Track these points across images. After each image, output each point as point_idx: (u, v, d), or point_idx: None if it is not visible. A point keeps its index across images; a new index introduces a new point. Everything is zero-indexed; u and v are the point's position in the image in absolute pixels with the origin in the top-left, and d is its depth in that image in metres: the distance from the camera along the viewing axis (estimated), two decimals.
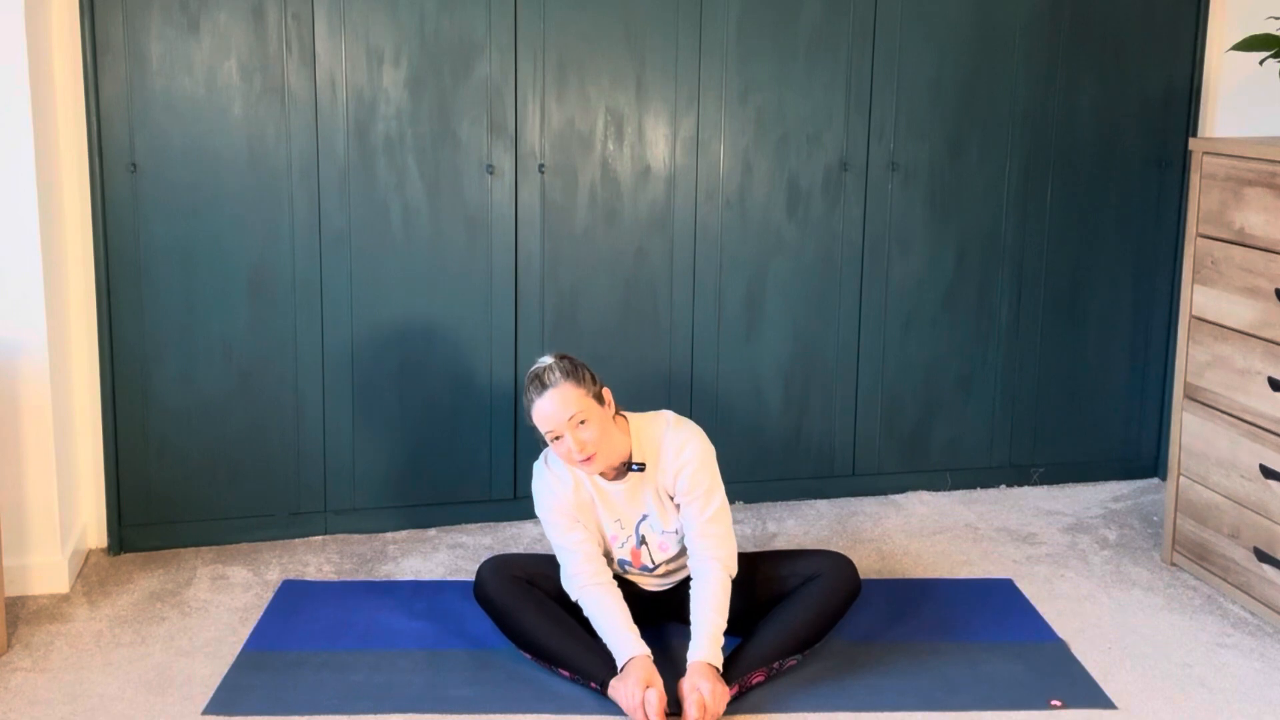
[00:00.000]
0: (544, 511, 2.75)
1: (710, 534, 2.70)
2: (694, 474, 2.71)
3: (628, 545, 2.77)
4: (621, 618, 2.63)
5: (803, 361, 3.66)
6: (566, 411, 2.60)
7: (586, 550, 2.71)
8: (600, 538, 2.77)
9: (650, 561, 2.79)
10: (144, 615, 2.96)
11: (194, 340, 3.24)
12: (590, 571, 2.69)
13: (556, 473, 2.75)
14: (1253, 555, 3.02)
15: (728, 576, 2.68)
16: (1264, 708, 2.62)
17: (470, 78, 3.29)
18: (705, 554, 2.69)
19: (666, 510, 2.75)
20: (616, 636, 2.60)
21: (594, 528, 2.76)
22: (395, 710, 2.55)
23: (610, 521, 2.76)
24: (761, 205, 3.54)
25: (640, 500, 2.75)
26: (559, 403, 2.61)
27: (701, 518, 2.70)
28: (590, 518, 2.75)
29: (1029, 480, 3.89)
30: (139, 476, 3.26)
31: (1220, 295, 3.09)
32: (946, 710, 2.58)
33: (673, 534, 2.77)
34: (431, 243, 3.34)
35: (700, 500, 2.71)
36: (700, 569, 2.69)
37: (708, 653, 2.56)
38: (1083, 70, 3.68)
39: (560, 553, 2.73)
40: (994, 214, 3.71)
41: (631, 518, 2.75)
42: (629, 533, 2.76)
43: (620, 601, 2.67)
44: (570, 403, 2.61)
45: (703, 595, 2.65)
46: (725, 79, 3.45)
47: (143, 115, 3.11)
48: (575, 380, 2.63)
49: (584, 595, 2.68)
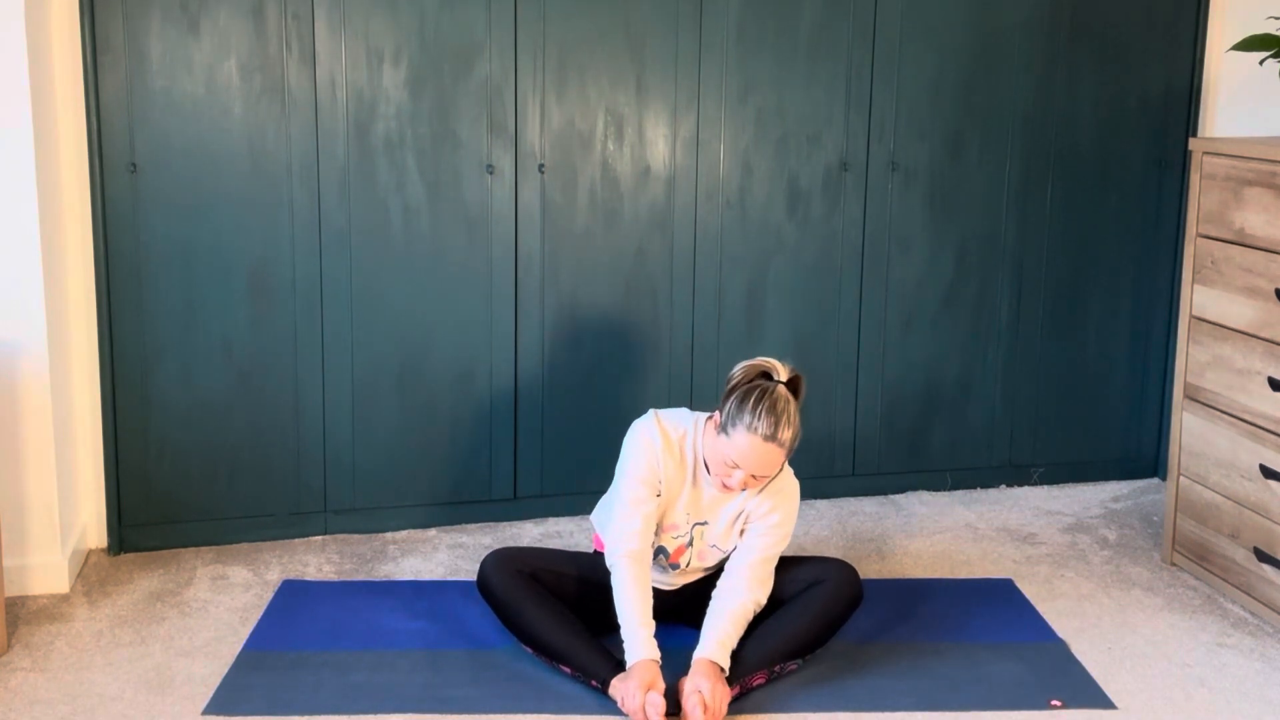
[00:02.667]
0: (637, 467, 2.68)
1: (759, 573, 2.68)
2: (781, 520, 2.71)
3: (679, 540, 2.75)
4: (643, 612, 2.59)
5: (803, 361, 3.64)
6: (766, 469, 2.58)
7: (647, 525, 2.67)
8: (661, 518, 2.73)
9: (685, 563, 2.78)
10: (144, 615, 2.95)
11: (194, 340, 3.24)
12: (639, 546, 2.64)
13: (672, 439, 2.70)
14: (1253, 555, 3.02)
15: (755, 609, 2.67)
16: (1264, 708, 2.62)
17: (470, 78, 3.29)
18: (744, 582, 2.67)
19: (733, 531, 2.73)
20: (633, 631, 2.57)
21: (663, 505, 2.71)
22: (395, 710, 2.55)
23: (681, 512, 2.72)
24: (761, 205, 3.54)
25: (718, 509, 2.72)
26: (769, 461, 2.56)
27: (761, 555, 2.69)
28: (670, 497, 2.71)
29: (1029, 480, 3.89)
30: (139, 476, 3.26)
31: (1220, 295, 3.09)
32: (946, 710, 2.58)
33: (721, 551, 2.76)
34: (431, 243, 3.34)
35: (771, 541, 2.70)
36: (732, 590, 2.66)
37: (714, 652, 2.56)
38: (1083, 70, 3.68)
39: (623, 509, 2.67)
40: (994, 214, 3.71)
41: (697, 518, 2.74)
42: (687, 529, 2.74)
43: (648, 592, 2.63)
44: (772, 466, 2.58)
45: (724, 608, 2.63)
46: (725, 79, 3.45)
47: (143, 115, 3.11)
48: (791, 449, 2.58)
49: (620, 564, 2.63)
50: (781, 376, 2.62)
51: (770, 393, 2.57)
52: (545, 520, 3.53)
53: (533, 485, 3.52)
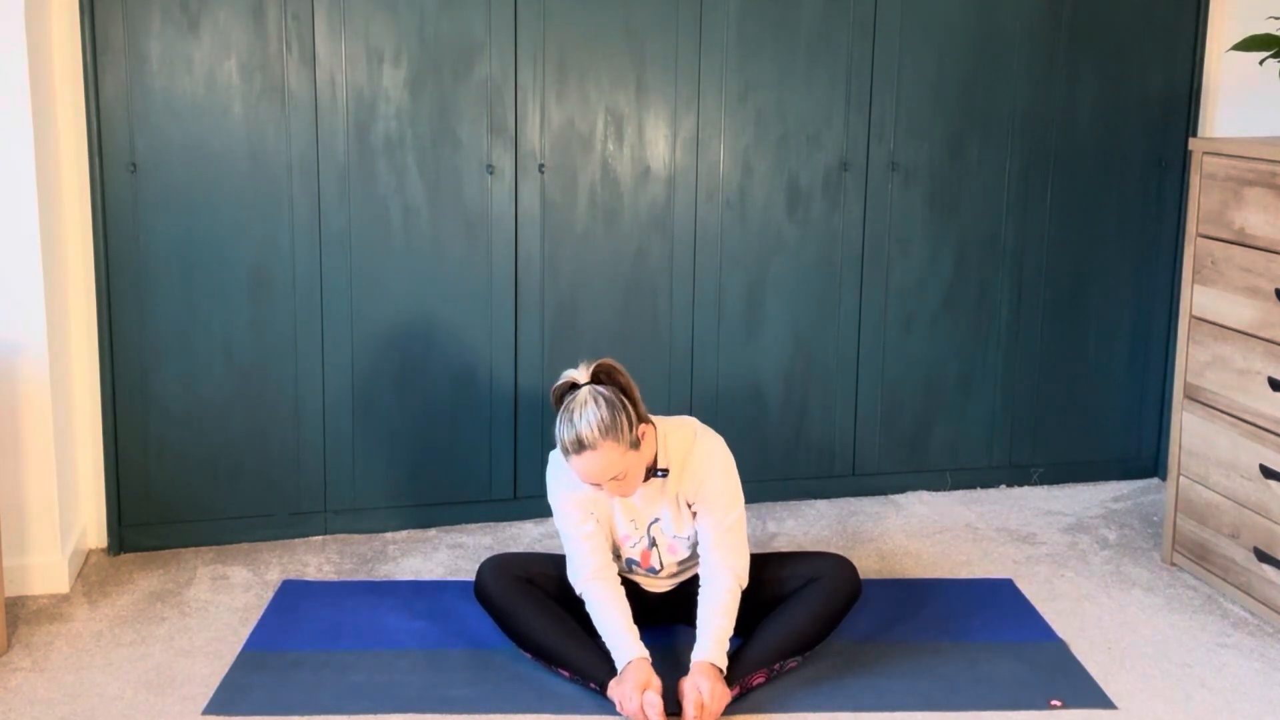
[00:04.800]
0: (558, 501, 2.73)
1: (725, 544, 2.69)
2: (717, 483, 2.70)
3: (639, 546, 2.77)
4: (622, 618, 2.62)
5: (803, 361, 3.66)
6: (606, 474, 2.56)
7: (595, 543, 2.70)
8: (611, 535, 2.76)
9: (659, 563, 2.79)
10: (144, 615, 2.96)
11: (194, 340, 3.24)
12: (597, 565, 2.68)
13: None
14: (1253, 555, 3.02)
15: (738, 585, 2.68)
16: (1264, 708, 2.62)
17: (470, 78, 3.29)
18: (718, 562, 2.68)
19: (681, 515, 2.74)
20: (616, 637, 2.60)
21: (606, 522, 2.75)
22: (395, 710, 2.55)
23: (624, 521, 2.75)
24: (761, 205, 3.54)
25: (657, 503, 2.74)
26: (599, 466, 2.54)
27: (719, 528, 2.70)
28: (605, 514, 2.74)
29: (1029, 480, 3.89)
30: (139, 476, 3.26)
31: (1220, 295, 3.09)
32: (946, 710, 2.58)
33: (684, 539, 2.76)
34: (431, 243, 3.34)
35: (720, 510, 2.70)
36: (711, 576, 2.68)
37: (711, 653, 2.56)
38: (1083, 70, 3.68)
39: (569, 543, 2.72)
40: (994, 214, 3.71)
41: (645, 519, 2.75)
42: (641, 533, 2.76)
43: (623, 600, 2.66)
44: (611, 465, 2.55)
45: (711, 600, 2.65)
46: (725, 79, 3.45)
47: (143, 115, 3.11)
48: (615, 437, 2.53)
49: (588, 589, 2.67)
50: (581, 379, 2.60)
51: (567, 406, 2.56)
52: (545, 520, 3.53)
53: (533, 485, 3.52)
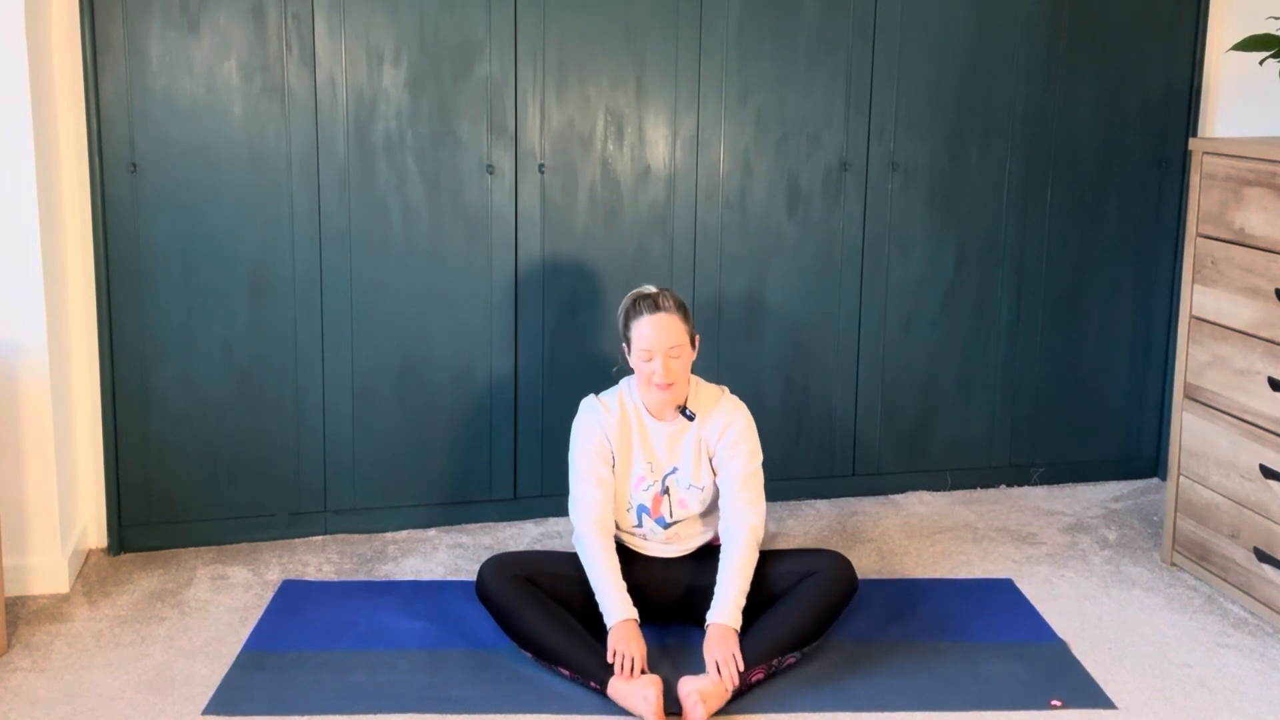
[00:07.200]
0: (583, 439, 2.85)
1: (747, 491, 2.82)
2: (740, 434, 2.86)
3: (651, 490, 2.85)
4: (614, 574, 2.73)
5: (803, 361, 3.66)
6: (670, 339, 2.76)
7: (605, 492, 2.83)
8: (626, 479, 2.85)
9: (668, 513, 2.86)
10: (144, 615, 2.96)
11: (194, 340, 3.24)
12: (601, 514, 2.80)
13: (608, 402, 2.89)
14: (1253, 555, 3.02)
15: (755, 542, 2.78)
16: (1264, 708, 2.62)
17: (470, 78, 3.29)
18: (737, 515, 2.79)
19: (701, 464, 2.85)
20: (608, 591, 2.69)
21: (623, 474, 2.85)
22: (395, 710, 2.55)
23: (642, 462, 2.85)
24: (761, 205, 3.54)
25: (678, 449, 2.85)
26: (667, 329, 2.76)
27: (740, 476, 2.82)
28: (625, 456, 2.84)
29: (1029, 480, 3.89)
30: (139, 476, 3.26)
31: (1220, 295, 3.09)
32: (946, 710, 2.58)
33: (697, 490, 2.85)
34: (431, 243, 3.34)
35: (744, 456, 2.83)
36: (730, 531, 2.78)
37: (728, 615, 2.65)
38: (1083, 70, 3.68)
39: (580, 482, 2.83)
40: (994, 214, 3.71)
41: (663, 465, 2.85)
42: (656, 478, 2.85)
43: (614, 558, 2.76)
44: (676, 333, 2.77)
45: (729, 558, 2.74)
46: (725, 79, 3.45)
47: (143, 115, 3.11)
48: (683, 315, 2.80)
49: (589, 533, 2.77)
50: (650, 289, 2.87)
51: (642, 290, 2.85)
52: (545, 520, 3.53)
53: (533, 485, 3.52)
